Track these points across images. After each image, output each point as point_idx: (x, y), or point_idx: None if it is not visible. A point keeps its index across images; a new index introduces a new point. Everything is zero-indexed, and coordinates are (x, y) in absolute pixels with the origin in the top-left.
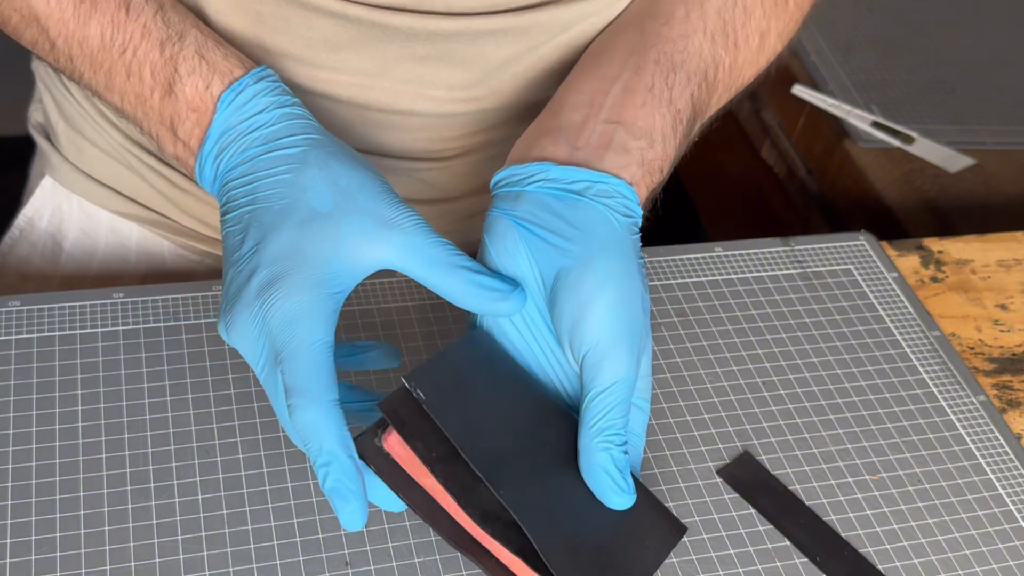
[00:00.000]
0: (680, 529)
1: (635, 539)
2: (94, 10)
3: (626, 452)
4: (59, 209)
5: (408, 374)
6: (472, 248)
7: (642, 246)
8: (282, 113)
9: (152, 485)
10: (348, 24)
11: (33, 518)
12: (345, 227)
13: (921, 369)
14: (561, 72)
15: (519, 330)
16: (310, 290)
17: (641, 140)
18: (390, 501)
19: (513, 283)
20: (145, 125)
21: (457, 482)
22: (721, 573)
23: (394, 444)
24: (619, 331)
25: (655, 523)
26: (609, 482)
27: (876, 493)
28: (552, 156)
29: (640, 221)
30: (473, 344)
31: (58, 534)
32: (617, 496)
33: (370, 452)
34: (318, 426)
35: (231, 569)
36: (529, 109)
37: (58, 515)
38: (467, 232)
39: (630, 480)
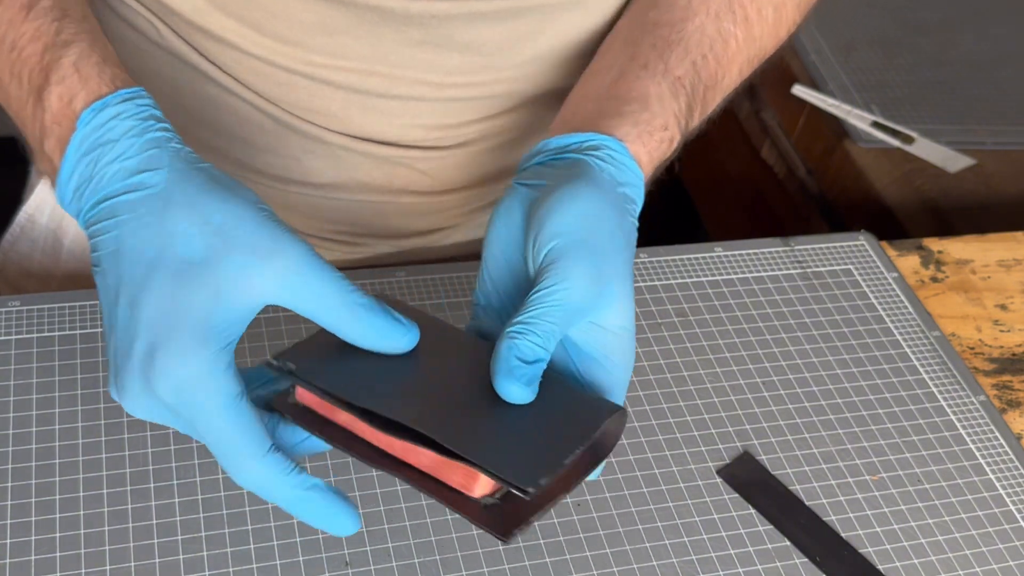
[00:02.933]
0: (613, 408)
1: (554, 422)
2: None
3: (540, 352)
4: (59, 206)
5: (275, 354)
6: (474, 246)
7: (643, 246)
8: (144, 142)
9: (152, 485)
10: (344, 8)
11: (33, 518)
12: (223, 272)
13: (921, 369)
14: (558, 61)
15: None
16: (196, 353)
17: (633, 104)
18: (312, 446)
19: (407, 325)
20: (25, 132)
21: (364, 408)
22: (721, 573)
23: (303, 394)
24: (575, 239)
25: (582, 408)
26: (503, 367)
27: (876, 493)
28: (551, 135)
29: (632, 176)
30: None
31: (58, 534)
32: (505, 381)
33: (286, 407)
34: (264, 483)
35: (231, 569)
36: (528, 97)
37: (58, 515)
38: (466, 226)
39: (527, 375)
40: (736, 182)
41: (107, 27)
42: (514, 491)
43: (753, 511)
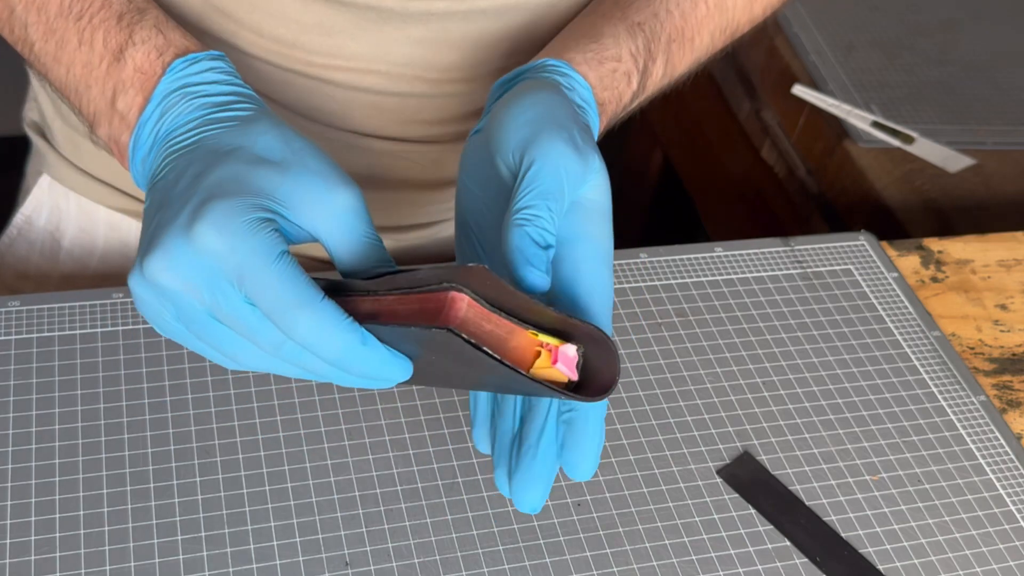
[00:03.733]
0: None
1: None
2: None
3: (548, 236)
4: (57, 207)
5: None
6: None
7: (642, 246)
8: (233, 89)
9: (152, 485)
10: (343, 8)
11: (33, 518)
12: (291, 179)
13: (921, 369)
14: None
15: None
16: (252, 210)
17: (582, 40)
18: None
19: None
20: (85, 99)
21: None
22: (721, 573)
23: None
24: (540, 124)
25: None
26: (520, 257)
27: (876, 493)
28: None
29: (579, 86)
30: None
31: (58, 534)
32: (526, 269)
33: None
34: (320, 331)
35: (231, 569)
36: None
37: (58, 515)
38: None
39: (545, 260)
40: (736, 182)
41: None
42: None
43: (753, 511)
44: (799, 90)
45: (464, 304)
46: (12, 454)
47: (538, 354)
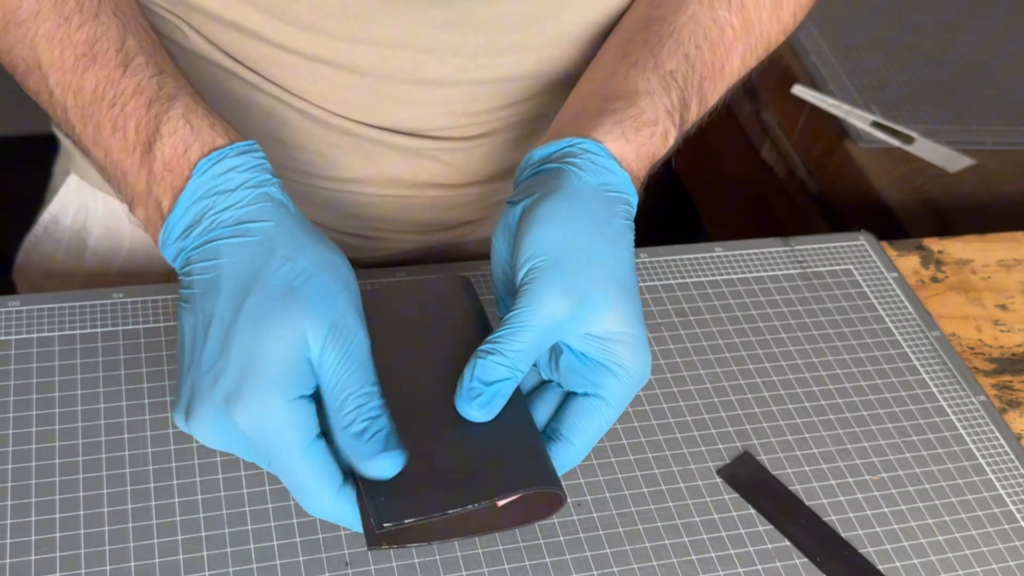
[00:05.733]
0: (548, 484)
1: (482, 463)
2: (93, 63)
3: (503, 371)
4: (84, 207)
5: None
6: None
7: (643, 246)
8: (258, 194)
9: (152, 485)
10: None
11: (33, 518)
12: (301, 323)
13: (921, 369)
14: (584, 40)
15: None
16: (278, 397)
17: (618, 102)
18: None
19: (392, 456)
20: (123, 184)
21: None
22: (721, 573)
23: None
24: (546, 261)
25: (522, 465)
26: (462, 386)
27: (876, 493)
28: (539, 146)
29: (614, 176)
30: (445, 284)
31: (58, 534)
32: (458, 400)
33: None
34: (337, 514)
35: (231, 569)
36: (554, 80)
37: (58, 515)
38: (490, 220)
39: (483, 395)
40: (736, 182)
41: None
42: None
43: (753, 511)
44: (799, 90)
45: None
46: (12, 454)
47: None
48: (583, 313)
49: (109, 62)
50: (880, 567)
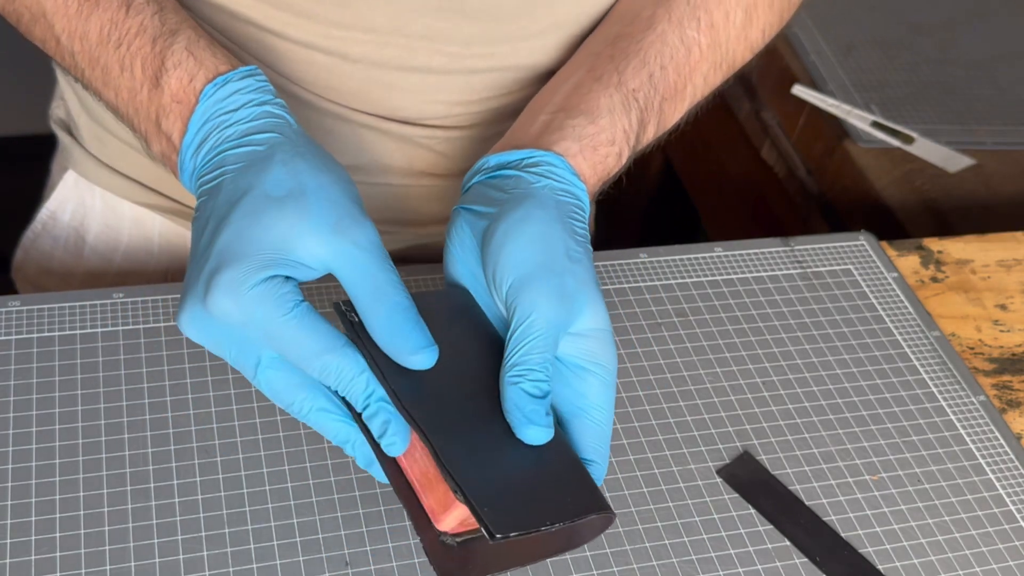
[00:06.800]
0: (604, 506)
1: (548, 487)
2: (96, 7)
3: (544, 386)
4: (82, 203)
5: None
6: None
7: (643, 246)
8: (261, 111)
9: (152, 485)
10: None
11: (33, 518)
12: (292, 218)
13: (921, 369)
14: (578, 32)
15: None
16: (258, 273)
17: (579, 118)
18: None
19: (429, 341)
20: (136, 122)
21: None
22: (721, 573)
23: None
24: (532, 267)
25: (580, 488)
26: (519, 415)
27: (876, 493)
28: (493, 152)
29: (574, 187)
30: (447, 297)
31: (58, 534)
32: (526, 428)
33: None
34: (344, 371)
35: (231, 569)
36: (548, 71)
37: (58, 515)
38: None
39: (543, 413)
40: (736, 182)
41: None
42: (483, 531)
43: (753, 511)
44: (799, 90)
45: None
46: (12, 454)
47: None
48: (576, 311)
49: (111, 4)
50: (880, 567)
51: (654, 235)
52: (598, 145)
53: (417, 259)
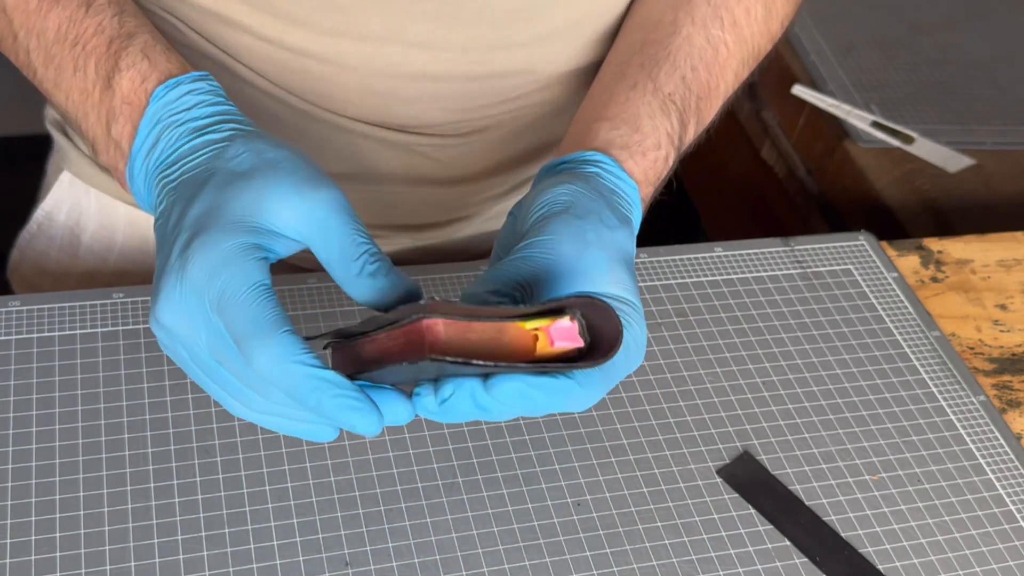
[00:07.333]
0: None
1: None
2: (56, 4)
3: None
4: (77, 203)
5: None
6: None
7: (643, 246)
8: (214, 110)
9: (152, 485)
10: None
11: (33, 518)
12: (266, 189)
13: (921, 369)
14: (576, 37)
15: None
16: (232, 237)
17: (622, 128)
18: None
19: (412, 286)
20: (85, 126)
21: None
22: (721, 573)
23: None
24: (560, 205)
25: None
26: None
27: (876, 493)
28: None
29: (624, 183)
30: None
31: (58, 534)
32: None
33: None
34: (273, 364)
35: (231, 569)
36: (547, 77)
37: (58, 515)
38: (482, 216)
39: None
40: (736, 182)
41: None
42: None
43: (753, 511)
44: (799, 90)
45: (440, 326)
46: (12, 454)
47: (536, 339)
48: (587, 263)
49: (71, 3)
50: (880, 567)
51: (654, 235)
52: (645, 151)
53: (414, 260)
